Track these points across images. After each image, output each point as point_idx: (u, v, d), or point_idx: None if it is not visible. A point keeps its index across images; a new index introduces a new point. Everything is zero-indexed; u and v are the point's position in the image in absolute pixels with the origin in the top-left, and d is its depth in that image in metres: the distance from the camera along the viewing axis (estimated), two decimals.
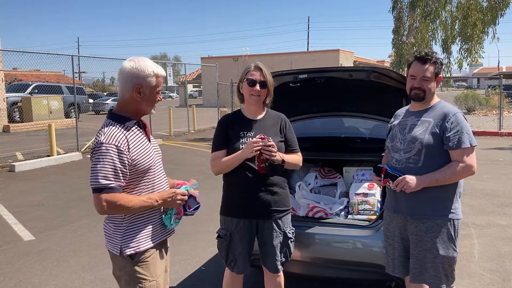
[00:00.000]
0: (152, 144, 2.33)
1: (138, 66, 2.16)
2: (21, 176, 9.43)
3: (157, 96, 2.26)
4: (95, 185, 2.05)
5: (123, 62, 2.22)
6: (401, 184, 2.57)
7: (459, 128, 2.54)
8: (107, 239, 2.26)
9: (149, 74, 2.17)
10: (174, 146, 13.94)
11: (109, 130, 2.11)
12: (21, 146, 12.36)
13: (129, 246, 2.17)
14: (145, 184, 2.23)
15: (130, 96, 2.18)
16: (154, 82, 2.20)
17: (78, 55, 14.70)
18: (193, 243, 5.11)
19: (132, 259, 2.18)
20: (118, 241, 2.19)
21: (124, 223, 2.19)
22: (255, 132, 2.81)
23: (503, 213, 6.04)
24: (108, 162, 2.05)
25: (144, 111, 2.26)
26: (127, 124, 2.19)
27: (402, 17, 16.90)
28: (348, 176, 4.16)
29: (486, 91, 28.56)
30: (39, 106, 19.12)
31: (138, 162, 2.15)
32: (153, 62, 2.24)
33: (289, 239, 2.92)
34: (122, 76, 2.18)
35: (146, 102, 2.22)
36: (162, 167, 2.39)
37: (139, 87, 2.17)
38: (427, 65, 2.59)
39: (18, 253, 4.97)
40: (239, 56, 38.76)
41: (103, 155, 2.05)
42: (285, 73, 3.76)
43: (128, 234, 2.18)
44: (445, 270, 2.61)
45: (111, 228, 2.23)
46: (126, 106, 2.21)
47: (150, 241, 2.23)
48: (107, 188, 2.04)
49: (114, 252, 2.20)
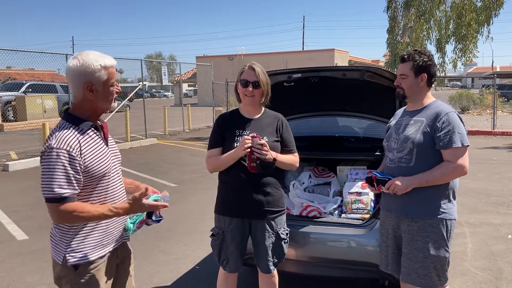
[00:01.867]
0: (110, 148, 2.17)
1: (83, 62, 1.98)
2: (15, 176, 9.39)
3: (113, 89, 2.08)
4: (48, 195, 1.89)
5: (68, 61, 2.03)
6: (392, 187, 2.61)
7: (451, 127, 2.53)
8: (51, 245, 2.09)
9: (96, 69, 1.99)
10: (169, 146, 13.92)
11: (61, 133, 1.95)
12: (15, 145, 12.31)
13: (73, 256, 2.02)
14: (98, 192, 2.06)
15: (83, 95, 2.02)
16: (105, 76, 2.02)
17: (72, 54, 14.55)
18: (188, 242, 5.11)
19: (75, 269, 2.03)
20: (63, 249, 2.03)
21: (72, 230, 2.03)
22: (250, 131, 2.82)
23: (496, 212, 6.08)
24: (59, 169, 1.89)
25: (101, 109, 2.09)
26: (82, 126, 2.02)
27: (396, 17, 16.94)
28: (342, 175, 4.17)
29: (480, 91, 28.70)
30: (33, 105, 19.02)
31: (91, 168, 2.00)
32: (99, 52, 2.05)
33: (282, 240, 2.91)
34: (70, 76, 2.01)
35: (101, 99, 2.05)
36: (119, 173, 2.23)
37: (91, 85, 2.00)
38: (405, 63, 2.67)
39: (11, 252, 4.95)
40: (235, 55, 38.72)
41: (54, 162, 1.89)
42: (279, 73, 3.77)
43: (74, 242, 2.03)
44: (436, 270, 2.61)
45: (57, 234, 2.06)
46: (81, 107, 2.05)
47: (96, 251, 2.08)
48: (61, 197, 1.89)
49: (57, 260, 2.05)
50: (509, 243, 4.86)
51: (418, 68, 2.64)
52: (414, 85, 2.67)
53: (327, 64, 31.55)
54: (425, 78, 2.66)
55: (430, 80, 2.69)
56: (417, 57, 2.64)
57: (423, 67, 2.64)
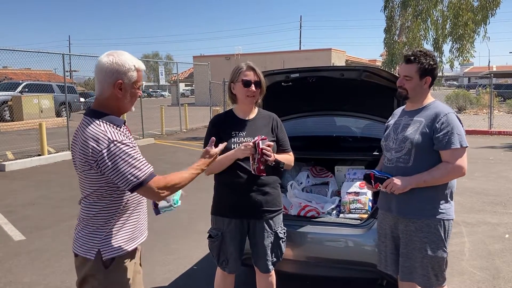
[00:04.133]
0: None
1: (118, 60, 2.03)
2: (12, 176, 9.35)
3: (138, 91, 2.14)
4: (140, 180, 1.94)
5: (100, 57, 2.07)
6: (390, 186, 2.59)
7: (450, 128, 2.52)
8: (79, 242, 2.09)
9: (130, 68, 2.05)
10: (166, 145, 13.90)
11: (107, 129, 1.98)
12: (12, 145, 12.25)
13: (108, 250, 2.04)
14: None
15: (111, 92, 2.05)
16: (135, 77, 2.08)
17: (69, 54, 14.48)
18: (185, 242, 5.10)
19: (107, 265, 2.05)
20: (96, 243, 2.04)
21: (107, 225, 2.06)
22: (246, 132, 2.81)
23: (493, 211, 6.10)
24: (134, 153, 1.96)
25: (124, 108, 2.14)
26: (117, 122, 2.06)
27: (394, 16, 16.98)
28: (339, 175, 4.17)
29: (477, 90, 28.77)
30: (29, 105, 18.96)
31: None
32: (132, 55, 2.12)
33: (281, 239, 2.92)
34: (101, 72, 2.03)
35: (127, 99, 2.10)
36: None
37: (121, 83, 2.04)
38: (410, 65, 2.63)
39: (9, 253, 4.93)
40: (232, 55, 38.75)
41: (125, 150, 1.94)
42: (277, 72, 3.77)
43: (108, 236, 2.06)
44: (434, 270, 2.61)
45: (88, 229, 2.07)
46: (107, 105, 2.08)
47: (128, 245, 2.12)
48: (150, 176, 1.96)
49: (88, 256, 2.04)
50: (507, 243, 4.87)
51: (424, 71, 2.61)
52: (418, 87, 2.64)
53: (324, 63, 31.56)
54: (429, 81, 2.65)
55: (432, 82, 2.68)
56: (423, 60, 2.59)
57: (428, 70, 2.62)
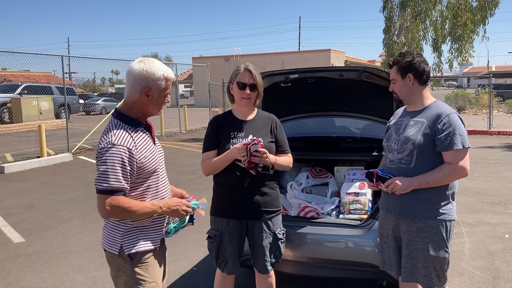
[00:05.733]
0: (156, 146, 2.29)
1: (149, 68, 2.11)
2: (11, 178, 9.34)
3: (165, 99, 2.22)
4: (102, 187, 1.99)
5: (132, 63, 2.16)
6: (391, 186, 2.58)
7: (452, 129, 2.51)
8: (105, 237, 2.19)
9: (159, 78, 2.13)
10: (166, 147, 13.89)
11: (119, 131, 2.06)
12: (11, 147, 12.25)
13: (130, 245, 2.12)
14: (150, 187, 2.19)
15: (138, 98, 2.14)
16: (163, 85, 2.16)
17: (68, 55, 14.47)
18: (185, 243, 5.09)
19: (131, 259, 2.13)
20: (118, 239, 2.13)
21: (130, 221, 2.13)
22: (245, 133, 2.81)
23: (493, 211, 6.09)
24: (119, 164, 2.00)
25: (150, 113, 2.22)
26: (134, 125, 2.14)
27: (392, 17, 16.97)
28: (339, 175, 4.17)
29: (476, 91, 28.79)
30: (29, 107, 18.97)
31: (144, 165, 2.12)
32: (163, 64, 2.19)
33: (279, 240, 2.91)
34: (131, 77, 2.12)
35: (153, 105, 2.18)
36: (165, 171, 2.36)
37: (148, 90, 2.12)
38: (392, 69, 2.72)
39: (8, 255, 4.92)
40: (231, 56, 38.77)
41: (115, 156, 2.00)
42: (276, 73, 3.76)
43: (130, 232, 2.13)
44: (436, 271, 2.60)
45: (112, 225, 2.16)
46: (133, 107, 2.16)
47: (151, 241, 2.19)
48: (113, 191, 1.99)
49: (113, 252, 2.14)
50: (507, 243, 4.87)
51: (402, 69, 2.64)
52: (404, 87, 2.66)
53: (323, 64, 31.61)
54: (412, 78, 2.63)
55: (420, 79, 2.64)
56: (400, 59, 2.66)
57: (406, 67, 2.63)
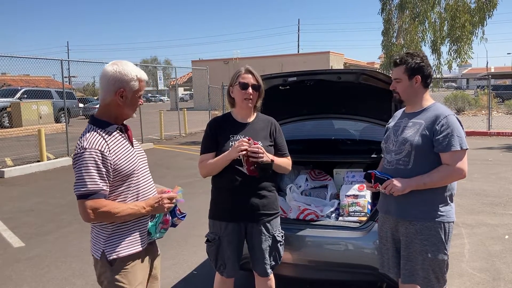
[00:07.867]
0: (135, 148, 2.31)
1: (122, 70, 2.15)
2: (11, 182, 9.34)
3: (139, 100, 2.26)
4: (80, 192, 2.03)
5: (105, 66, 2.21)
6: (389, 187, 2.58)
7: (450, 130, 2.51)
8: (91, 242, 2.23)
9: (132, 78, 2.17)
10: (165, 150, 13.90)
11: (90, 135, 2.10)
12: (11, 151, 12.24)
13: (110, 251, 2.15)
14: (130, 190, 2.20)
15: (112, 100, 2.17)
16: (137, 86, 2.20)
17: (67, 60, 14.47)
18: (184, 247, 5.09)
19: (111, 265, 2.15)
20: (101, 244, 2.16)
21: (110, 226, 2.16)
22: (244, 135, 2.80)
23: (492, 212, 6.09)
24: (93, 167, 2.03)
25: (126, 115, 2.25)
26: (108, 129, 2.17)
27: (391, 19, 17.02)
28: (338, 178, 4.17)
29: (475, 92, 28.82)
30: (28, 111, 18.96)
31: (120, 166, 2.13)
32: (135, 66, 2.25)
33: (278, 242, 2.91)
34: (105, 79, 2.16)
35: (128, 106, 2.22)
36: (147, 172, 2.37)
37: (123, 91, 2.16)
38: (398, 67, 2.68)
39: (8, 260, 4.92)
40: (230, 59, 38.81)
41: (87, 160, 2.03)
42: (275, 76, 3.77)
43: (112, 238, 2.16)
44: (435, 273, 2.59)
45: (96, 230, 2.20)
46: (107, 110, 2.20)
47: (133, 247, 2.20)
48: (91, 193, 2.02)
49: (96, 256, 2.18)
50: (506, 244, 4.87)
51: (411, 70, 2.63)
52: (409, 88, 2.66)
53: (322, 66, 31.60)
54: (419, 80, 2.65)
55: (425, 81, 2.67)
56: (409, 60, 2.63)
57: (416, 69, 2.63)
